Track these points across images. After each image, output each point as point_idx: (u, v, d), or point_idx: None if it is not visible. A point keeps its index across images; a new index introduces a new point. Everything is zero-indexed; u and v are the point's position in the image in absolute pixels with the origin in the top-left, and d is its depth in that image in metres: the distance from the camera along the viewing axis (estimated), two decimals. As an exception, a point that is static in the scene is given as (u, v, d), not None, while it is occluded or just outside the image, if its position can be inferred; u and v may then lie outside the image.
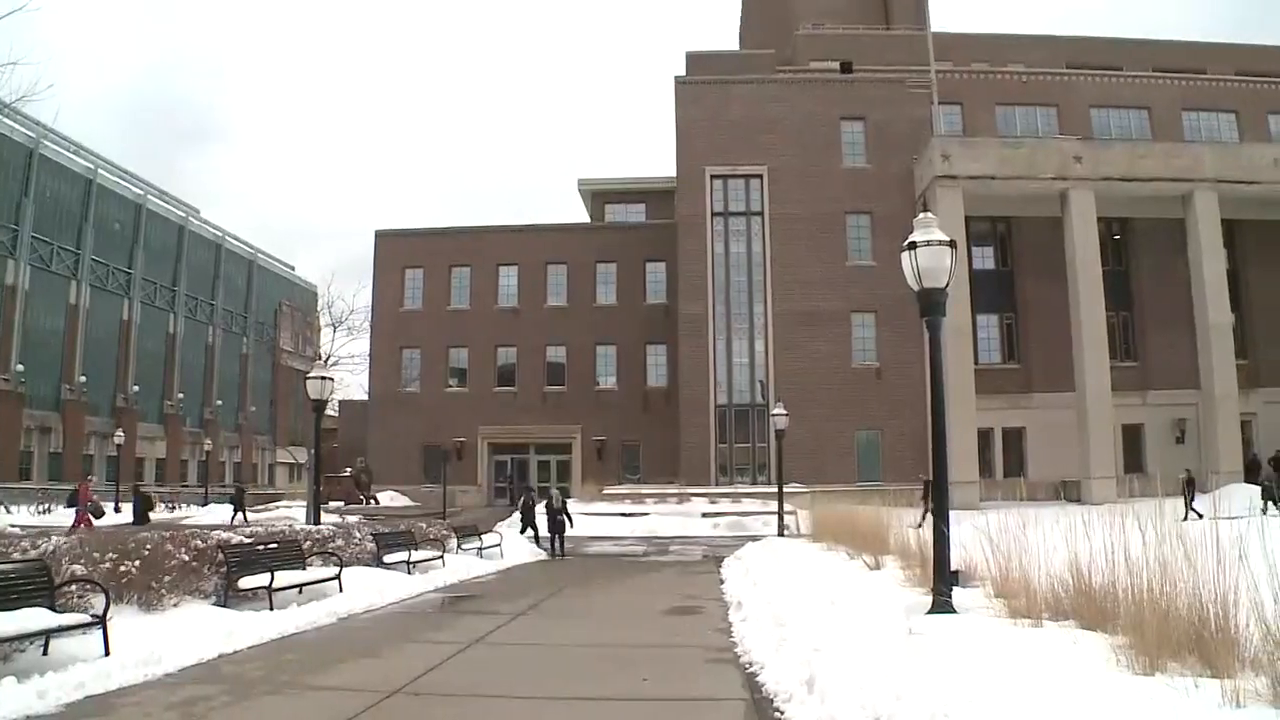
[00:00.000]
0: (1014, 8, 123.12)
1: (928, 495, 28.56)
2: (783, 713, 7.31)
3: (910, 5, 54.11)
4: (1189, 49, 55.86)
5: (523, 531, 28.00)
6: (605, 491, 41.63)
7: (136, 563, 11.38)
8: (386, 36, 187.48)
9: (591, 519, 34.89)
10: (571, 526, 27.09)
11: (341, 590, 14.60)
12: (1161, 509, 8.06)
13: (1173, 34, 67.54)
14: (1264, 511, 28.18)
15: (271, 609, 12.57)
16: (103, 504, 35.80)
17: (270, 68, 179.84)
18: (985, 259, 45.82)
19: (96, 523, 30.72)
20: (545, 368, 51.25)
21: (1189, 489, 31.90)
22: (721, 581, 17.72)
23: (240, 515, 34.47)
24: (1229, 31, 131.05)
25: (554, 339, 51.02)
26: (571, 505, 39.93)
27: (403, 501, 47.73)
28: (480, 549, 23.26)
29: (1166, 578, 7.43)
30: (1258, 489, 35.81)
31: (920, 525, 21.09)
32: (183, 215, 79.40)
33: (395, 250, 52.92)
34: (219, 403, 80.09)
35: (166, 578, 11.87)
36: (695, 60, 49.01)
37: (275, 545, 14.95)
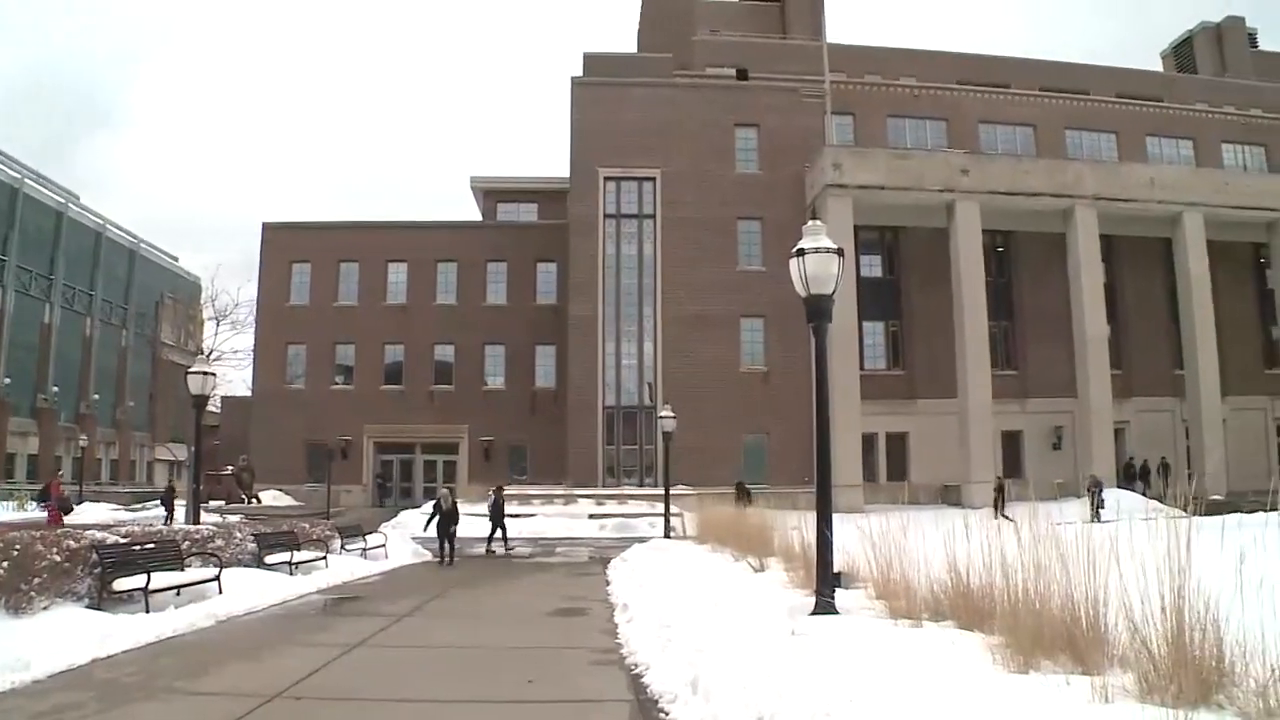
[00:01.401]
0: (907, 23, 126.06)
1: (740, 498, 29.57)
2: (667, 713, 7.37)
3: (807, 16, 54.81)
4: (1073, 70, 57.84)
5: (491, 536, 27.28)
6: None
7: (4, 564, 10.95)
8: (283, 32, 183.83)
9: (477, 520, 34.67)
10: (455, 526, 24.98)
11: (221, 592, 14.29)
12: (1037, 512, 8.29)
13: (1058, 55, 69.67)
14: (1090, 520, 29.40)
15: (148, 611, 12.23)
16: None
17: (167, 62, 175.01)
18: (873, 267, 46.70)
19: (66, 519, 29.87)
20: (433, 366, 50.71)
21: (1000, 495, 33.11)
22: (608, 583, 17.68)
23: (171, 516, 33.49)
24: (1110, 55, 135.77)
25: (443, 337, 50.53)
26: (459, 508, 39.74)
27: (286, 501, 46.70)
28: (364, 550, 22.90)
29: (1041, 579, 7.65)
30: (1128, 493, 37.41)
31: None
32: (61, 201, 76.56)
33: (283, 243, 51.75)
34: (95, 397, 77.55)
35: (36, 579, 11.41)
36: (592, 61, 48.92)
37: (152, 545, 14.52)
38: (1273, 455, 47.91)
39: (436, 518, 24.38)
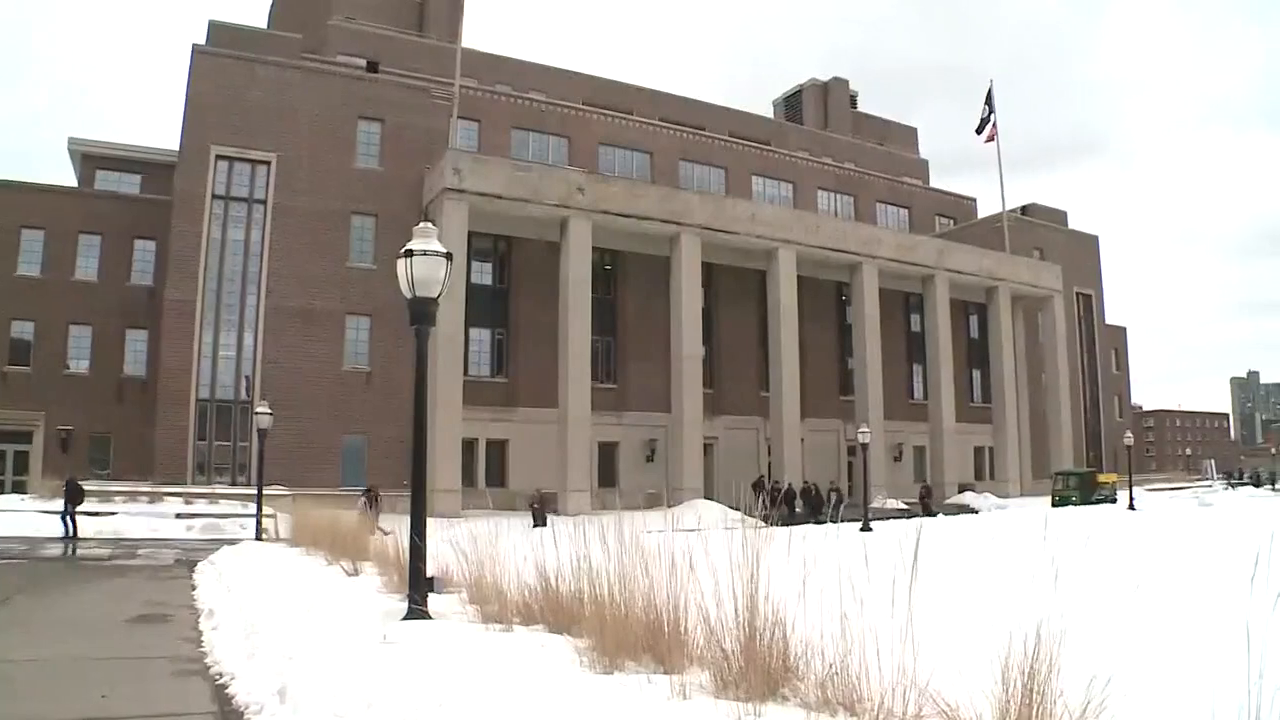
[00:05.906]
0: (542, 39, 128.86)
1: (371, 503, 29.70)
2: (252, 725, 7.24)
3: (444, 17, 54.87)
4: (693, 106, 61.61)
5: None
6: (70, 487, 38.41)
7: None
8: None
9: (51, 518, 32.31)
10: None
11: None
12: (623, 521, 8.64)
13: (679, 89, 73.68)
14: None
15: None
16: None
17: None
18: (484, 274, 47.00)
19: None
20: (8, 344, 45.73)
21: (539, 505, 34.96)
22: (194, 587, 16.83)
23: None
24: (725, 96, 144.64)
25: (21, 313, 45.50)
26: (28, 503, 36.45)
27: None
28: (-90, 553, 20.62)
29: (625, 586, 7.95)
30: (710, 504, 39.82)
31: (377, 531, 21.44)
32: None
33: None
34: None
35: None
36: (218, 31, 46.32)
37: None
38: (843, 472, 52.95)
39: None
